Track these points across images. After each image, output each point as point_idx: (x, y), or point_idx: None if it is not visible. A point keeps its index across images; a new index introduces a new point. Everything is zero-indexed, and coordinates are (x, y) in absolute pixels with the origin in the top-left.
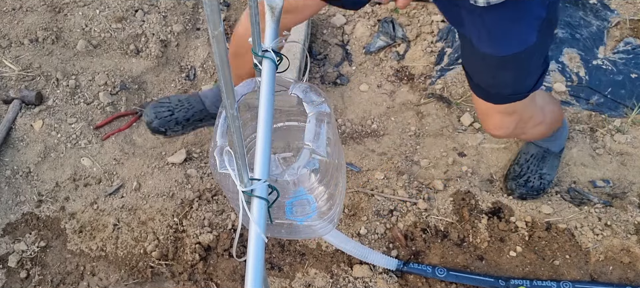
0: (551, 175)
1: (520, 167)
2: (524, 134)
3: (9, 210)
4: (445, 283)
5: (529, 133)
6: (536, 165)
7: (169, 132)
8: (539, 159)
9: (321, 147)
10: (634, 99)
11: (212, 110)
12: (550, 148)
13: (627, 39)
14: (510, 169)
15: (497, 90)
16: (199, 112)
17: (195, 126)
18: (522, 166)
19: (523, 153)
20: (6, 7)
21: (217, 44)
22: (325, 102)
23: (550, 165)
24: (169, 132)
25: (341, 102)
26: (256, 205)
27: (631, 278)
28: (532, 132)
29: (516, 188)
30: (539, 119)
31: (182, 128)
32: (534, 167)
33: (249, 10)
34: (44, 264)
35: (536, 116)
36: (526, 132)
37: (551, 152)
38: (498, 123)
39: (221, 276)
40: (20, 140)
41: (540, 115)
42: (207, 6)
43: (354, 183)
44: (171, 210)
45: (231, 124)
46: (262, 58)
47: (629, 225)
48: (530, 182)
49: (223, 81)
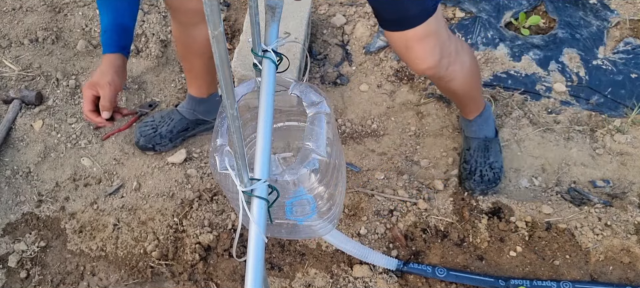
0: (499, 161)
1: (469, 164)
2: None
3: (9, 210)
4: (445, 283)
5: (457, 71)
6: (483, 157)
7: (157, 147)
8: (482, 150)
9: (321, 147)
10: (634, 99)
11: (190, 117)
12: (487, 135)
13: (627, 39)
14: (461, 169)
15: (404, 13)
16: (179, 122)
17: (183, 136)
18: (470, 163)
19: (466, 151)
20: (6, 7)
21: (217, 44)
22: (325, 102)
23: (494, 153)
24: (157, 147)
25: (341, 102)
26: (256, 205)
27: (631, 278)
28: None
29: (475, 187)
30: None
31: (169, 141)
32: (482, 160)
33: (249, 10)
34: (44, 264)
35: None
36: (454, 68)
37: (489, 138)
38: (421, 53)
39: (221, 276)
40: (20, 140)
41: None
42: (207, 6)
43: (354, 183)
44: (171, 210)
45: (231, 124)
46: (262, 58)
47: (629, 225)
48: (485, 176)
49: (223, 81)
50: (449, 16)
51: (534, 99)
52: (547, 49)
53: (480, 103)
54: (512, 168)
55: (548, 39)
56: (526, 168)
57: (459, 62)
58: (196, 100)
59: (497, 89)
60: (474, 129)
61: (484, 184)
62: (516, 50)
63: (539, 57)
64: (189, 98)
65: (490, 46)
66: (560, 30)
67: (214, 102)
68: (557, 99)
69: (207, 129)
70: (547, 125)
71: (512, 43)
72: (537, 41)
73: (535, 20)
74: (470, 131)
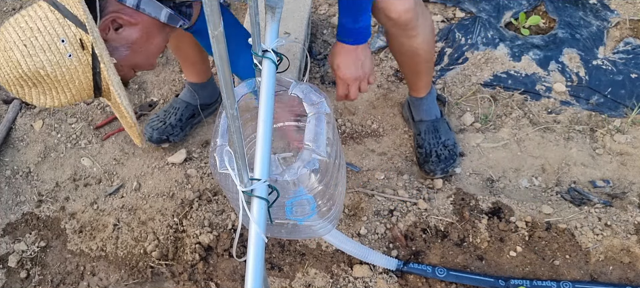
0: (451, 138)
1: (423, 148)
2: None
3: (9, 210)
4: (445, 283)
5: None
6: (434, 138)
7: (171, 137)
8: (433, 132)
9: (321, 147)
10: (634, 99)
11: (194, 103)
12: (436, 115)
13: (627, 39)
14: (417, 154)
15: None
16: (186, 109)
17: (191, 123)
18: (423, 146)
19: (417, 136)
20: (6, 7)
21: (217, 44)
22: (325, 102)
23: (444, 131)
24: (171, 137)
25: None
26: (256, 205)
27: (631, 278)
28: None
29: (435, 168)
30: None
31: (180, 130)
32: (434, 141)
33: (249, 10)
34: (44, 264)
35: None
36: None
37: (438, 118)
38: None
39: (221, 276)
40: (20, 140)
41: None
42: (207, 6)
43: (354, 183)
44: (171, 210)
45: (231, 124)
46: (262, 58)
47: (629, 225)
48: (441, 154)
49: (223, 81)
50: (449, 16)
51: (534, 99)
52: (547, 49)
53: (431, 78)
54: (512, 168)
55: (548, 39)
56: (526, 168)
57: (426, 15)
58: (196, 86)
59: (497, 89)
60: (424, 109)
61: (442, 163)
62: (516, 50)
63: (539, 57)
64: (189, 86)
65: (490, 46)
66: (560, 30)
67: (214, 85)
68: (557, 99)
69: (211, 112)
70: (547, 125)
71: (512, 43)
72: (537, 41)
73: (535, 20)
74: (421, 112)
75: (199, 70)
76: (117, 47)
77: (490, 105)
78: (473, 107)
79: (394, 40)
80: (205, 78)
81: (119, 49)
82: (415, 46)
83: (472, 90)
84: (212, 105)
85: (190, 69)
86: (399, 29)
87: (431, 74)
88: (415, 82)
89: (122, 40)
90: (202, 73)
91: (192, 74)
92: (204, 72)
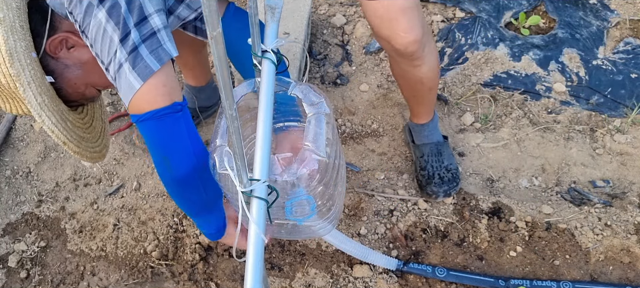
0: (453, 163)
1: (425, 170)
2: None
3: (9, 210)
4: (445, 283)
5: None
6: (437, 161)
7: None
8: (436, 154)
9: (320, 147)
10: (634, 99)
11: (193, 106)
12: (438, 139)
13: (627, 39)
14: (419, 177)
15: None
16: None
17: None
18: (426, 169)
19: (420, 158)
20: None
21: (216, 45)
22: (324, 102)
23: (447, 156)
24: None
25: (341, 102)
26: (255, 205)
27: (631, 278)
28: (430, 56)
29: (438, 190)
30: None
31: None
32: (437, 164)
33: (249, 10)
34: (44, 264)
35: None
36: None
37: (440, 142)
38: (406, 24)
39: (221, 276)
40: (20, 140)
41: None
42: (206, 7)
43: (354, 183)
44: (171, 210)
45: (230, 124)
46: (261, 58)
47: (629, 225)
48: (444, 178)
49: (222, 81)
50: (449, 16)
51: (534, 99)
52: (547, 49)
53: (433, 106)
54: (512, 168)
55: (548, 39)
56: (526, 168)
57: (431, 44)
58: (196, 89)
59: (497, 89)
60: (426, 134)
61: (445, 185)
62: (516, 50)
63: (539, 57)
64: (188, 88)
65: (490, 46)
66: (560, 30)
67: (213, 88)
68: (557, 99)
69: (211, 114)
70: (547, 125)
71: (512, 43)
72: (537, 41)
73: (535, 20)
74: (422, 137)
75: (197, 74)
76: (69, 65)
77: (490, 105)
78: (473, 107)
79: (396, 66)
80: (204, 82)
81: (71, 68)
82: (420, 75)
83: (472, 90)
84: (211, 107)
85: (189, 73)
86: (403, 58)
87: (434, 102)
88: (417, 108)
89: (74, 59)
90: (201, 77)
91: (191, 78)
92: (202, 76)
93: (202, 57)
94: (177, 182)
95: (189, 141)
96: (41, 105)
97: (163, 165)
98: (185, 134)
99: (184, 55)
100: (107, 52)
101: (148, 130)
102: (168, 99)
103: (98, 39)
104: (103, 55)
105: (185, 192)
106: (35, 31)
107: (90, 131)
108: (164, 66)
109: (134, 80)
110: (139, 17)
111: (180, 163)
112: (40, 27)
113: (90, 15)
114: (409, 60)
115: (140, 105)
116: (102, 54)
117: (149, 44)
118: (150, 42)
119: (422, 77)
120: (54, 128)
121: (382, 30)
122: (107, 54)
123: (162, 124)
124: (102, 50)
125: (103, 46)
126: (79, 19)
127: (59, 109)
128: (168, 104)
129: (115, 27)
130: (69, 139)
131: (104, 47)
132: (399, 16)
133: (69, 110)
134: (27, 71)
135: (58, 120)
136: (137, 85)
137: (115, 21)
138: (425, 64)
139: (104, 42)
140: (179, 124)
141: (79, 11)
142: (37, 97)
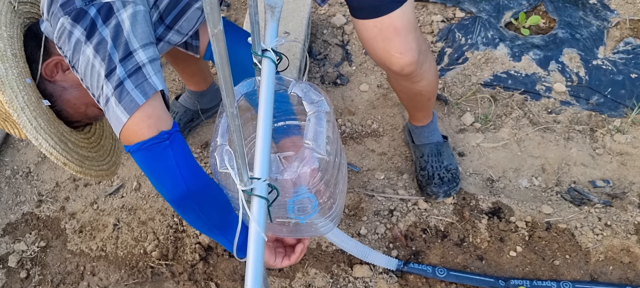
0: (453, 163)
1: (425, 170)
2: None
3: (9, 210)
4: (445, 283)
5: (428, 70)
6: (437, 161)
7: None
8: (436, 155)
9: (321, 145)
10: (634, 99)
11: (193, 108)
12: (438, 139)
13: (627, 39)
14: (419, 177)
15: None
16: (184, 114)
17: (189, 127)
18: (426, 169)
19: (419, 158)
20: None
21: (217, 43)
22: (324, 100)
23: (447, 156)
24: None
25: (341, 102)
26: (256, 204)
27: (631, 278)
28: (429, 71)
29: (438, 191)
30: (428, 49)
31: None
32: (437, 164)
33: (249, 9)
34: (44, 264)
35: (425, 45)
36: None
37: (440, 142)
38: (400, 46)
39: (221, 276)
40: (20, 140)
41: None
42: (207, 5)
43: (354, 183)
44: (171, 210)
45: (231, 123)
46: (262, 58)
47: (629, 225)
48: (444, 178)
49: (223, 80)
50: (449, 16)
51: (534, 99)
52: (547, 49)
53: (432, 110)
54: (512, 168)
55: (548, 39)
56: (526, 168)
57: (429, 58)
58: (197, 94)
59: (497, 89)
60: (425, 135)
61: (445, 185)
62: (516, 50)
63: (539, 57)
64: (189, 93)
65: (490, 46)
66: (560, 30)
67: (215, 91)
68: (557, 99)
69: (211, 115)
70: (547, 125)
71: (512, 43)
72: (537, 41)
73: (535, 20)
74: (422, 137)
75: (198, 81)
76: (67, 87)
77: (490, 105)
78: (473, 107)
79: (395, 82)
80: (205, 86)
81: (68, 89)
82: (419, 89)
83: (472, 90)
84: (212, 108)
85: (189, 80)
86: (401, 77)
87: (433, 106)
88: (415, 114)
89: (70, 81)
90: (202, 82)
91: (192, 84)
92: (203, 82)
93: (201, 64)
94: (174, 205)
95: (178, 169)
96: (37, 129)
97: (158, 189)
98: (173, 162)
99: (181, 66)
100: (95, 86)
101: (138, 159)
102: (155, 129)
103: (87, 74)
104: (92, 88)
105: (185, 214)
106: (30, 58)
107: (97, 150)
108: (149, 99)
109: (120, 114)
110: (125, 53)
111: (171, 190)
112: (35, 54)
113: (78, 51)
114: (406, 79)
115: (128, 137)
116: (91, 87)
117: (134, 78)
118: (136, 76)
119: (421, 90)
120: (52, 150)
121: (376, 52)
122: (95, 88)
123: (150, 154)
124: (91, 84)
125: (92, 80)
126: (68, 55)
127: (57, 131)
128: (155, 135)
129: (102, 63)
130: (69, 160)
131: (93, 81)
132: (393, 37)
133: (71, 130)
134: (20, 97)
135: (56, 142)
136: (124, 119)
137: (101, 57)
138: (424, 79)
139: (93, 77)
140: (166, 153)
141: (67, 48)
142: (32, 121)
